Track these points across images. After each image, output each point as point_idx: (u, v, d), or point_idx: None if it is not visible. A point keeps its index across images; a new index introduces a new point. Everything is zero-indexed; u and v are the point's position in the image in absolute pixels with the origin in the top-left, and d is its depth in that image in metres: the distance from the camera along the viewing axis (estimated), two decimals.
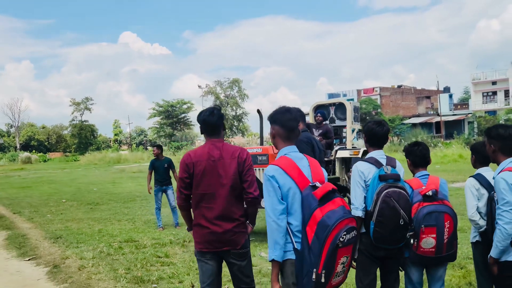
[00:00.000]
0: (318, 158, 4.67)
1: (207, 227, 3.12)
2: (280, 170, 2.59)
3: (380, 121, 3.29)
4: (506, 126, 3.13)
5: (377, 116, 47.36)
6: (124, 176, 25.02)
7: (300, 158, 2.71)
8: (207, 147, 3.19)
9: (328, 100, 10.15)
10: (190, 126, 70.22)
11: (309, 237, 2.46)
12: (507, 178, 2.87)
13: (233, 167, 3.11)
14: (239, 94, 61.36)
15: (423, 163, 3.46)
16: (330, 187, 2.53)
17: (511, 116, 35.90)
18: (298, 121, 2.83)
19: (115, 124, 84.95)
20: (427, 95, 58.25)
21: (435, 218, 3.06)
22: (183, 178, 3.15)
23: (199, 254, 3.21)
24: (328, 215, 2.43)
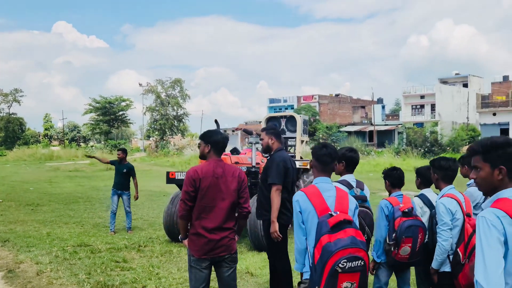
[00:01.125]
0: (292, 179, 4.79)
1: (206, 236, 3.50)
2: (304, 197, 3.00)
3: (354, 149, 3.92)
4: (447, 159, 3.79)
5: (315, 123, 49.06)
6: (60, 175, 24.08)
7: (328, 189, 3.07)
8: (212, 165, 3.58)
9: (280, 113, 10.76)
10: (128, 124, 68.36)
11: (315, 258, 2.81)
12: (446, 203, 3.50)
13: (234, 185, 3.57)
14: (181, 94, 60.78)
15: (399, 184, 4.08)
16: (343, 217, 2.84)
17: (436, 129, 38.91)
18: (333, 157, 3.22)
19: (46, 118, 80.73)
20: (362, 104, 61.34)
21: (412, 230, 3.64)
22: (189, 192, 3.50)
23: (196, 261, 3.53)
24: (335, 242, 2.75)
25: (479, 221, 1.90)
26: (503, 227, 1.85)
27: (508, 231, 1.85)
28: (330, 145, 3.30)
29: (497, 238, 1.83)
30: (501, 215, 1.87)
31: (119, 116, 64.87)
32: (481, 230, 1.87)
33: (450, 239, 3.48)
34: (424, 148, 33.45)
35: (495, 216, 1.87)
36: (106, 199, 12.98)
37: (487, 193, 2.08)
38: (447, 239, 3.46)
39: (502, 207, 1.90)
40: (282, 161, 4.61)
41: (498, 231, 1.84)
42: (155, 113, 59.21)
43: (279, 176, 4.53)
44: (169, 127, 58.70)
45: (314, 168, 3.20)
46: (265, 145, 4.83)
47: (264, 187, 4.71)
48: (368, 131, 50.36)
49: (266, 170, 4.69)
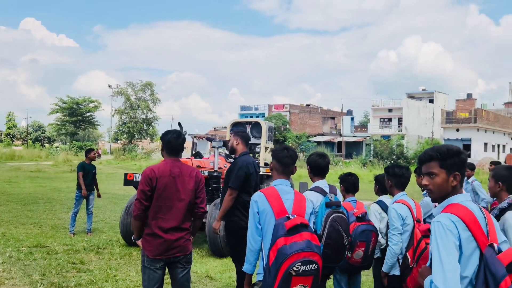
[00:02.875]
0: (255, 183, 4.80)
1: (162, 236, 3.45)
2: (263, 198, 2.98)
3: (322, 153, 3.88)
4: (400, 167, 3.94)
5: (285, 131, 49.47)
6: (21, 175, 23.31)
7: (287, 192, 3.06)
8: (169, 165, 3.55)
9: (245, 119, 10.71)
10: (95, 125, 66.93)
11: (270, 260, 2.81)
12: (397, 209, 3.63)
13: (191, 185, 3.55)
14: (151, 97, 60.03)
15: (353, 190, 4.18)
16: (300, 221, 2.84)
17: (402, 142, 39.95)
18: (294, 160, 3.22)
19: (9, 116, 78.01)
20: (332, 115, 62.34)
21: (366, 235, 3.73)
22: (145, 191, 3.44)
23: (150, 262, 3.48)
24: (291, 245, 2.76)
25: (435, 226, 1.93)
26: (458, 232, 1.89)
27: (462, 236, 1.90)
28: (291, 148, 3.32)
29: (453, 243, 1.87)
30: (455, 219, 1.92)
31: (87, 118, 63.43)
32: (437, 234, 1.90)
33: (400, 243, 3.60)
34: (390, 160, 34.25)
35: (450, 221, 1.92)
36: (67, 200, 12.68)
37: (437, 199, 2.13)
38: (397, 243, 3.58)
39: (455, 212, 1.96)
40: (244, 166, 4.63)
41: (454, 235, 1.88)
42: (124, 116, 58.19)
43: (237, 181, 4.55)
44: (137, 130, 57.77)
45: (274, 170, 3.20)
46: (230, 146, 4.86)
47: (226, 189, 4.72)
48: (337, 142, 51.22)
49: (228, 173, 4.73)
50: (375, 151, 37.95)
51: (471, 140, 45.74)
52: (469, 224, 1.93)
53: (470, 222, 1.94)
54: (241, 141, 4.81)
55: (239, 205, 4.61)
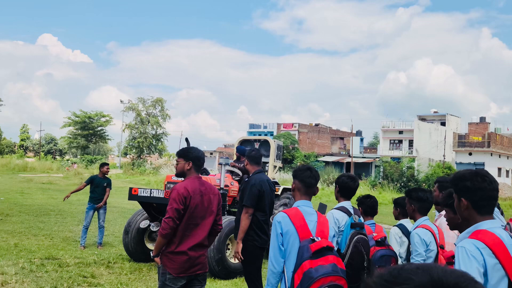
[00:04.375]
0: (270, 201, 4.81)
1: (187, 253, 3.46)
2: (287, 219, 2.91)
3: (353, 176, 3.88)
4: (424, 190, 3.84)
5: (293, 150, 49.39)
6: (33, 187, 23.50)
7: (310, 213, 3.00)
8: (197, 182, 3.57)
9: (254, 136, 10.48)
10: (106, 140, 67.51)
11: (295, 283, 2.76)
12: (421, 234, 3.53)
13: (215, 203, 3.60)
14: (161, 113, 60.51)
15: (372, 213, 4.12)
16: (326, 244, 2.79)
17: (413, 164, 39.66)
18: (317, 180, 3.17)
19: (23, 128, 79.06)
20: (341, 136, 62.19)
21: (385, 260, 3.65)
22: (179, 209, 3.42)
23: (172, 280, 3.47)
24: (316, 268, 2.72)
25: (459, 251, 1.88)
26: (483, 258, 1.84)
27: (488, 263, 1.84)
28: (314, 168, 3.28)
29: (476, 269, 1.82)
30: (481, 246, 1.87)
31: (98, 132, 64.11)
32: (461, 260, 1.85)
33: None
34: (400, 183, 33.95)
35: (475, 247, 1.86)
36: (78, 213, 12.76)
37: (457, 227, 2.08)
38: None
39: (481, 239, 1.90)
40: (258, 184, 4.62)
41: (478, 262, 1.83)
42: (134, 131, 58.60)
43: (252, 199, 4.54)
44: (147, 145, 58.08)
45: (296, 190, 3.12)
46: (243, 167, 4.95)
47: (241, 208, 4.72)
48: (346, 163, 50.94)
49: (242, 192, 4.75)
50: (385, 173, 37.67)
51: (484, 165, 45.18)
52: (496, 251, 1.87)
53: (497, 249, 1.88)
54: (249, 161, 4.83)
55: (253, 224, 4.58)
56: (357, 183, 3.85)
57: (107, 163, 9.22)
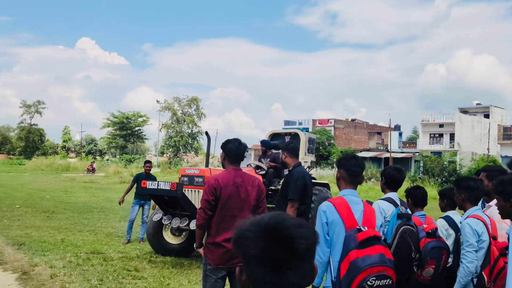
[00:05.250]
0: (311, 193, 4.78)
1: (224, 246, 3.45)
2: (332, 207, 2.86)
3: (399, 168, 3.81)
4: (474, 179, 3.69)
5: (329, 146, 48.83)
6: (76, 186, 24.31)
7: (356, 202, 2.93)
8: (232, 174, 3.55)
9: (284, 130, 9.89)
10: (143, 139, 69.10)
11: (341, 273, 2.70)
12: (472, 224, 3.38)
13: (254, 194, 3.54)
14: (197, 112, 61.27)
15: (422, 204, 4.00)
16: (373, 233, 2.73)
17: (455, 158, 38.31)
18: (362, 169, 3.12)
19: (65, 130, 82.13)
20: (378, 131, 60.87)
21: (436, 252, 3.53)
22: (210, 200, 3.45)
23: (212, 271, 3.49)
24: (363, 258, 2.65)
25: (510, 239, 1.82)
26: None
27: None
28: (359, 156, 3.22)
29: None
30: None
31: (135, 132, 65.74)
32: None
33: (475, 261, 3.36)
34: (442, 178, 32.86)
35: None
36: (119, 210, 13.04)
37: None
38: (472, 261, 3.33)
39: None
40: (301, 177, 4.60)
41: None
42: (170, 130, 59.67)
43: (297, 192, 4.51)
44: (183, 144, 59.00)
45: (341, 179, 3.07)
46: (280, 162, 4.89)
47: (282, 202, 4.69)
48: (384, 158, 49.88)
49: (285, 186, 4.69)
50: (425, 168, 36.53)
51: None
52: None
53: None
54: (288, 154, 4.75)
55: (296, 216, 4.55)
56: (404, 175, 3.79)
57: (149, 161, 9.42)
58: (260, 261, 1.03)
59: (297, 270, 1.03)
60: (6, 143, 71.38)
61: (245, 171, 8.29)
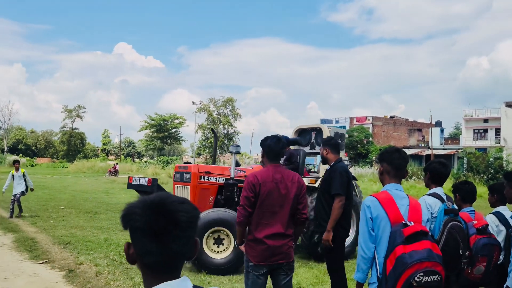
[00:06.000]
0: (352, 189, 4.74)
1: (265, 242, 3.42)
2: (376, 202, 2.80)
3: (444, 162, 3.70)
4: None
5: (368, 144, 47.95)
6: (116, 187, 24.88)
7: (402, 197, 2.86)
8: (271, 171, 3.52)
9: (309, 125, 9.40)
10: (180, 141, 70.21)
11: (387, 269, 2.63)
12: None
13: (293, 190, 3.48)
14: (232, 113, 61.65)
15: (471, 199, 3.83)
16: (419, 228, 2.65)
17: (501, 154, 36.68)
18: (406, 162, 3.04)
19: (104, 133, 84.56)
20: (419, 127, 59.24)
21: (488, 249, 3.40)
22: (249, 197, 3.44)
23: (253, 267, 3.46)
24: (410, 253, 2.57)
25: None
26: None
27: None
28: (402, 150, 3.13)
29: None
30: None
31: (172, 133, 66.86)
32: None
33: None
34: (487, 175, 31.52)
35: None
36: None
37: None
38: None
39: None
40: (344, 172, 4.56)
41: None
42: (206, 131, 60.32)
43: (342, 187, 4.45)
44: (219, 145, 59.50)
45: (385, 173, 2.99)
46: (321, 157, 4.83)
47: (323, 197, 4.64)
48: (425, 155, 48.46)
49: (327, 181, 4.61)
50: (469, 165, 35.15)
51: None
52: None
53: None
54: (330, 150, 4.71)
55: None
56: (449, 169, 3.71)
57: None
58: (145, 232, 1.14)
59: (178, 240, 1.14)
60: (49, 147, 74.25)
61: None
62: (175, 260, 1.18)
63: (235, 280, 5.97)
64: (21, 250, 7.45)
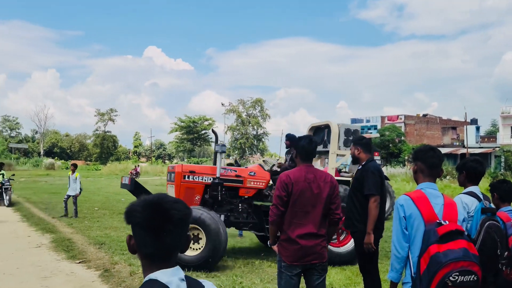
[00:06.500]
0: (385, 189, 4.68)
1: (298, 242, 3.42)
2: (409, 201, 2.77)
3: (479, 160, 3.65)
4: None
5: (400, 144, 47.02)
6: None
7: (436, 196, 2.83)
8: (303, 170, 3.53)
9: (321, 122, 9.08)
10: (209, 142, 70.92)
11: (421, 268, 2.60)
12: None
13: (326, 190, 3.48)
14: (261, 114, 61.82)
15: (509, 198, 3.73)
16: (454, 227, 2.61)
17: None
18: (441, 161, 3.00)
19: (136, 136, 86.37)
20: (453, 125, 57.62)
21: None
22: (282, 196, 3.44)
23: (287, 268, 3.46)
24: (445, 252, 2.53)
25: None
26: None
27: None
28: (437, 148, 3.08)
29: None
30: None
31: (202, 135, 67.66)
32: None
33: None
34: None
35: None
36: None
37: None
38: None
39: None
40: (377, 171, 4.50)
41: None
42: (236, 132, 60.74)
43: (376, 187, 4.39)
44: (249, 146, 59.79)
45: (419, 172, 2.95)
46: (352, 157, 4.78)
47: (355, 197, 4.57)
48: (460, 154, 47.09)
49: (360, 180, 4.55)
50: (507, 163, 34.01)
51: None
52: None
53: None
54: (362, 149, 4.66)
55: None
56: (485, 167, 3.65)
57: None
58: (144, 227, 1.33)
59: (171, 234, 1.33)
60: (83, 150, 76.49)
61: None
62: (168, 251, 1.36)
63: (266, 281, 5.97)
64: (59, 250, 7.71)
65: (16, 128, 78.27)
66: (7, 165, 34.77)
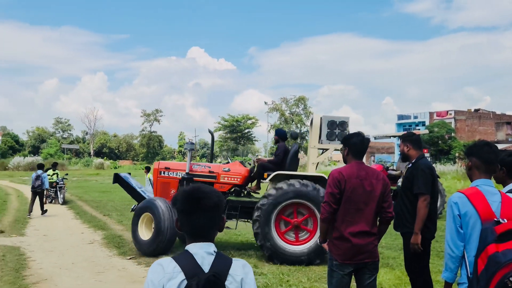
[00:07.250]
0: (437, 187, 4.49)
1: (350, 240, 3.36)
2: (464, 199, 2.68)
3: None
4: None
5: (450, 140, 45.32)
6: None
7: (493, 193, 2.72)
8: (355, 167, 3.47)
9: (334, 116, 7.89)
10: (253, 141, 71.29)
11: (479, 268, 2.50)
12: None
13: (379, 188, 3.42)
14: (305, 112, 61.36)
15: None
16: None
17: None
18: (497, 156, 2.87)
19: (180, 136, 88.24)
20: (508, 120, 54.82)
21: None
22: (334, 193, 3.39)
23: (338, 266, 3.41)
24: (504, 252, 2.42)
25: None
26: None
27: None
28: (493, 144, 2.93)
29: None
30: None
31: (245, 134, 68.05)
32: None
33: None
34: None
35: None
36: None
37: None
38: None
39: None
40: (428, 169, 4.31)
41: None
42: None
43: (427, 186, 4.21)
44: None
45: (474, 169, 2.82)
46: (401, 154, 4.60)
47: (405, 196, 4.39)
48: None
49: (410, 178, 4.38)
50: None
51: None
52: None
53: None
54: (412, 146, 4.47)
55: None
56: None
57: None
58: (181, 211, 1.68)
59: (203, 217, 1.66)
60: (130, 150, 79.03)
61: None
62: (202, 230, 1.68)
63: (314, 279, 5.94)
64: (110, 246, 7.99)
65: (68, 129, 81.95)
66: (60, 165, 36.44)
